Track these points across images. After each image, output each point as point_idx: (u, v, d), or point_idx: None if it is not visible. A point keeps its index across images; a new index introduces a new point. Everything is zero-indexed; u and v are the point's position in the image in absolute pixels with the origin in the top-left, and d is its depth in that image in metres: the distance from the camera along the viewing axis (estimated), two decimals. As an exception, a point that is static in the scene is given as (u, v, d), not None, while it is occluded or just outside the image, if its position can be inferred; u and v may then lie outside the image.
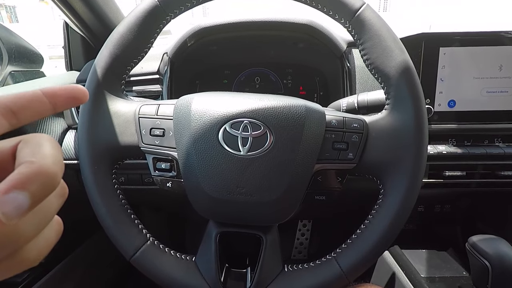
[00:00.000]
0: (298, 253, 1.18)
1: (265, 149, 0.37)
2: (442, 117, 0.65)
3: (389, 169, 0.38)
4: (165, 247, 0.41)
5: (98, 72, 0.40)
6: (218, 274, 0.39)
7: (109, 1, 0.75)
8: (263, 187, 0.37)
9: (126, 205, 0.41)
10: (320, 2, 0.39)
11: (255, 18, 0.66)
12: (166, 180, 0.40)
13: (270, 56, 0.80)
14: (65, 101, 0.21)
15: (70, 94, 0.21)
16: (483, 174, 0.67)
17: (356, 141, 0.38)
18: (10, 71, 0.75)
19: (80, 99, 0.21)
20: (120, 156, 0.41)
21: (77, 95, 0.21)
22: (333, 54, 0.69)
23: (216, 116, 0.37)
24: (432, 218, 0.89)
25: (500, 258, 0.51)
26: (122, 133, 0.40)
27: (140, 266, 0.39)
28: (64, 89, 0.21)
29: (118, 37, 0.40)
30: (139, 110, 0.40)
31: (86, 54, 0.82)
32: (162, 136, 0.39)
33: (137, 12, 0.40)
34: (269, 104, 0.38)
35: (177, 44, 0.68)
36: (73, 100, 0.21)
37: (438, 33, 0.62)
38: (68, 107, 0.21)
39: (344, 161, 0.39)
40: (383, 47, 0.37)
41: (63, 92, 0.21)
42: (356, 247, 0.39)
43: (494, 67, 0.63)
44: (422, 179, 0.38)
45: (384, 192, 0.39)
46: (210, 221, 0.42)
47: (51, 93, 0.20)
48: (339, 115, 0.40)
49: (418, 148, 0.37)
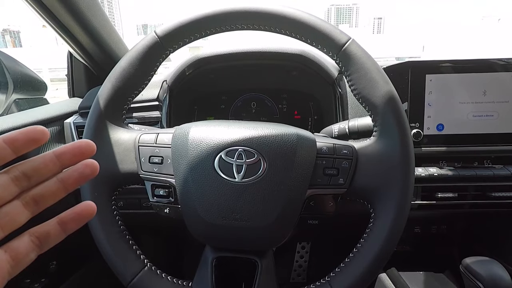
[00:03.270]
0: (297, 275, 1.16)
1: (259, 175, 0.38)
2: (431, 140, 0.67)
3: (378, 193, 0.40)
4: (162, 272, 0.42)
5: (100, 103, 0.42)
6: None
7: (112, 32, 0.79)
8: (257, 212, 0.38)
9: (125, 231, 0.42)
10: (309, 37, 0.42)
11: (250, 49, 0.70)
12: (164, 206, 0.42)
13: (265, 83, 0.83)
14: (25, 144, 0.22)
15: (29, 137, 0.22)
16: (475, 195, 0.68)
17: (346, 166, 0.40)
18: (15, 99, 0.78)
19: (39, 140, 0.22)
20: (120, 183, 0.43)
21: (36, 137, 0.22)
22: (325, 81, 0.72)
23: (212, 145, 0.39)
24: (429, 240, 0.89)
25: (493, 280, 0.52)
26: (122, 161, 0.42)
27: None
28: (23, 133, 0.22)
29: (120, 71, 0.42)
30: (139, 139, 0.42)
31: (88, 81, 0.85)
32: (161, 163, 0.41)
33: (138, 47, 0.43)
34: (262, 132, 0.40)
35: (176, 72, 0.71)
36: (33, 142, 0.22)
37: (423, 61, 0.66)
38: (30, 149, 0.22)
39: (335, 186, 0.40)
40: (368, 78, 0.40)
41: (22, 136, 0.22)
42: (349, 270, 0.39)
43: (478, 92, 0.66)
44: (411, 201, 0.40)
45: (374, 215, 0.40)
46: (207, 246, 0.43)
47: (11, 139, 0.22)
48: (329, 142, 0.42)
49: (405, 172, 0.39)
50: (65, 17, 0.66)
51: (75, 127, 0.70)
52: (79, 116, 0.73)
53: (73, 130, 0.70)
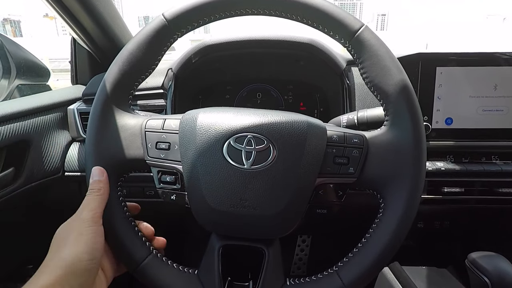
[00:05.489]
0: (297, 269, 1.16)
1: (268, 163, 0.37)
2: (439, 134, 0.66)
3: (388, 183, 0.39)
4: (168, 259, 0.41)
5: (107, 87, 0.41)
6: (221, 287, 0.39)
7: (116, 18, 0.78)
8: (266, 200, 0.37)
9: (130, 218, 0.41)
10: (321, 23, 0.41)
11: (258, 36, 0.68)
12: (170, 193, 0.41)
13: (272, 73, 0.82)
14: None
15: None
16: (481, 191, 0.67)
17: (357, 155, 0.39)
18: (17, 84, 0.77)
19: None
20: (126, 169, 0.42)
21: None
22: (333, 72, 0.71)
23: (221, 131, 0.38)
24: (432, 235, 0.89)
25: (500, 275, 0.51)
26: (128, 146, 0.41)
27: (143, 278, 0.39)
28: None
29: (127, 54, 0.41)
30: (145, 124, 0.41)
31: (92, 68, 0.84)
32: (168, 149, 0.40)
33: (146, 30, 0.41)
34: (273, 119, 0.39)
35: (182, 60, 0.70)
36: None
37: (434, 53, 0.65)
38: None
39: (345, 175, 0.39)
40: (381, 66, 0.39)
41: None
42: (357, 260, 0.39)
43: (489, 87, 0.65)
44: (421, 194, 0.39)
45: (384, 206, 0.39)
46: (213, 234, 0.43)
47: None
48: (340, 131, 0.41)
49: (416, 163, 0.38)
50: (70, 1, 0.64)
51: (78, 114, 0.70)
52: (82, 102, 0.72)
53: (76, 116, 0.70)
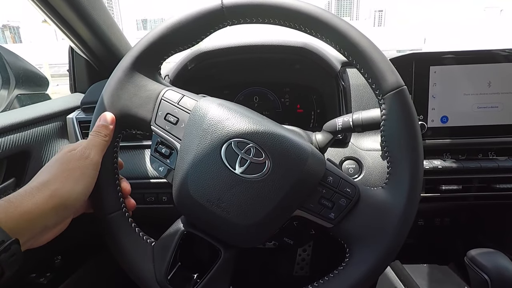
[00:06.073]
0: (300, 269, 1.17)
1: (259, 176, 0.38)
2: (435, 132, 0.67)
3: (360, 243, 0.39)
4: (133, 222, 0.43)
5: (144, 43, 0.41)
6: (169, 268, 0.40)
7: (113, 26, 0.79)
8: (242, 209, 0.38)
9: (117, 175, 0.43)
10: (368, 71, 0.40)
11: (252, 42, 0.69)
12: (160, 164, 0.43)
13: (268, 77, 0.82)
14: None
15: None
16: (479, 188, 0.68)
17: (343, 205, 0.39)
18: (17, 94, 0.78)
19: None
20: (130, 124, 0.43)
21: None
22: (328, 74, 0.72)
23: (227, 129, 0.39)
24: (433, 232, 0.89)
25: (499, 271, 0.51)
26: (141, 106, 0.42)
27: (104, 229, 0.41)
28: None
29: (175, 21, 0.41)
30: (164, 93, 0.42)
31: (90, 77, 0.85)
32: (174, 124, 0.41)
33: (200, 8, 0.41)
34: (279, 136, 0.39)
35: (178, 67, 0.71)
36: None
37: (427, 53, 0.65)
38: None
39: (324, 218, 0.40)
40: (400, 130, 0.38)
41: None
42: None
43: (483, 84, 0.65)
44: (388, 261, 0.39)
45: (348, 261, 0.40)
46: (182, 216, 0.43)
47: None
48: (338, 174, 0.40)
49: (397, 233, 0.38)
50: (66, 11, 0.65)
51: (77, 123, 0.70)
52: (81, 111, 0.73)
53: (75, 125, 0.70)
